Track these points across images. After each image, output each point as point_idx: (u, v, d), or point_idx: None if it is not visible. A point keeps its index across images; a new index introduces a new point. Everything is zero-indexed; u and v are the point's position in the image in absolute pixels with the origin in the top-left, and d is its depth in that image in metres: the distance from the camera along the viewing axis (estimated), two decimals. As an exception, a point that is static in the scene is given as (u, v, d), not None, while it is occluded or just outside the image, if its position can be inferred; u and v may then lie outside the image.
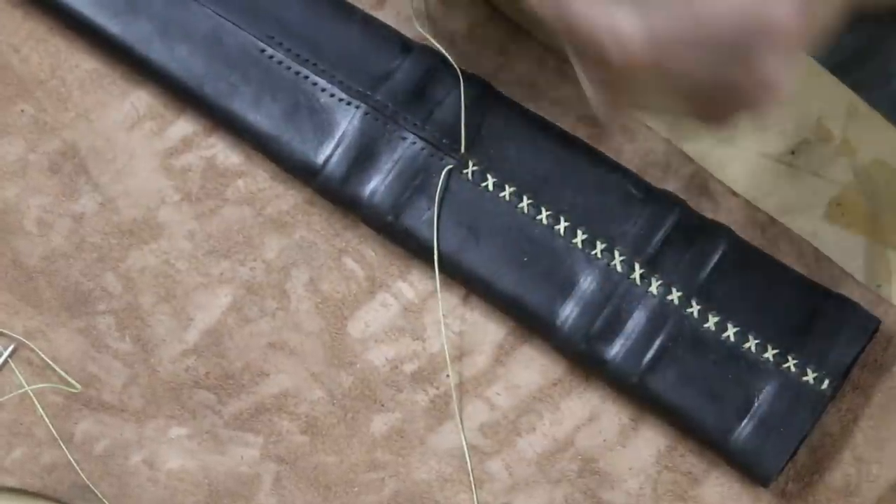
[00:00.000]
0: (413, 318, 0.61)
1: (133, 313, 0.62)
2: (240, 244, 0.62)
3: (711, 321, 0.57)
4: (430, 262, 0.59)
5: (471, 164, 0.59)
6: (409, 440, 0.60)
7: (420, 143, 0.59)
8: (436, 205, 0.59)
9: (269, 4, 0.61)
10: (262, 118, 0.60)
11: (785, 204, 0.60)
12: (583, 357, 0.58)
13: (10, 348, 0.62)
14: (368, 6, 0.62)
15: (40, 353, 0.61)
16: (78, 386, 0.61)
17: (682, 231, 0.58)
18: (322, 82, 0.60)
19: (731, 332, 0.57)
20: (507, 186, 0.59)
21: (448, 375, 0.60)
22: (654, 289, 0.58)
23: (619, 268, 0.58)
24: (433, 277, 0.60)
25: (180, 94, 0.62)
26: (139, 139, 0.62)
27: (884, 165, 0.61)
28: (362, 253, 0.61)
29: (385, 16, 0.62)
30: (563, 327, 0.58)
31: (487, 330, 0.61)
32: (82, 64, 0.63)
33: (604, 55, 0.44)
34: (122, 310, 0.62)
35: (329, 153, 0.60)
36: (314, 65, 0.60)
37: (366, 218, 0.60)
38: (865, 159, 0.61)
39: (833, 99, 0.61)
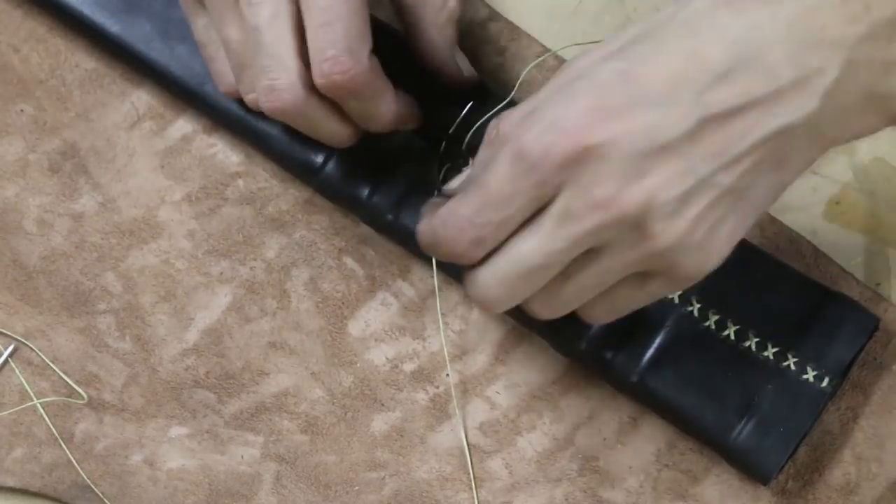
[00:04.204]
0: (413, 318, 0.61)
1: (133, 313, 0.62)
2: (240, 243, 0.62)
3: (711, 319, 0.57)
4: (429, 261, 0.59)
5: (470, 162, 0.59)
6: (410, 439, 0.60)
7: (419, 142, 0.59)
8: (435, 204, 0.59)
9: None
10: (262, 117, 0.60)
11: (784, 202, 0.60)
12: (583, 356, 0.58)
13: (10, 348, 0.61)
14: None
15: (40, 353, 0.61)
16: (85, 396, 0.60)
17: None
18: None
19: (730, 330, 0.57)
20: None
21: (448, 374, 0.60)
22: (653, 287, 0.58)
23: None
24: (433, 276, 0.60)
25: (180, 94, 0.61)
26: (139, 139, 0.62)
27: (883, 164, 0.61)
28: (362, 252, 0.61)
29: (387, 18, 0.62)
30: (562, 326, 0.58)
31: (487, 329, 0.61)
32: (82, 63, 0.63)
33: None
34: (122, 309, 0.62)
35: (329, 152, 0.60)
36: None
37: (366, 217, 0.60)
38: (865, 158, 0.61)
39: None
